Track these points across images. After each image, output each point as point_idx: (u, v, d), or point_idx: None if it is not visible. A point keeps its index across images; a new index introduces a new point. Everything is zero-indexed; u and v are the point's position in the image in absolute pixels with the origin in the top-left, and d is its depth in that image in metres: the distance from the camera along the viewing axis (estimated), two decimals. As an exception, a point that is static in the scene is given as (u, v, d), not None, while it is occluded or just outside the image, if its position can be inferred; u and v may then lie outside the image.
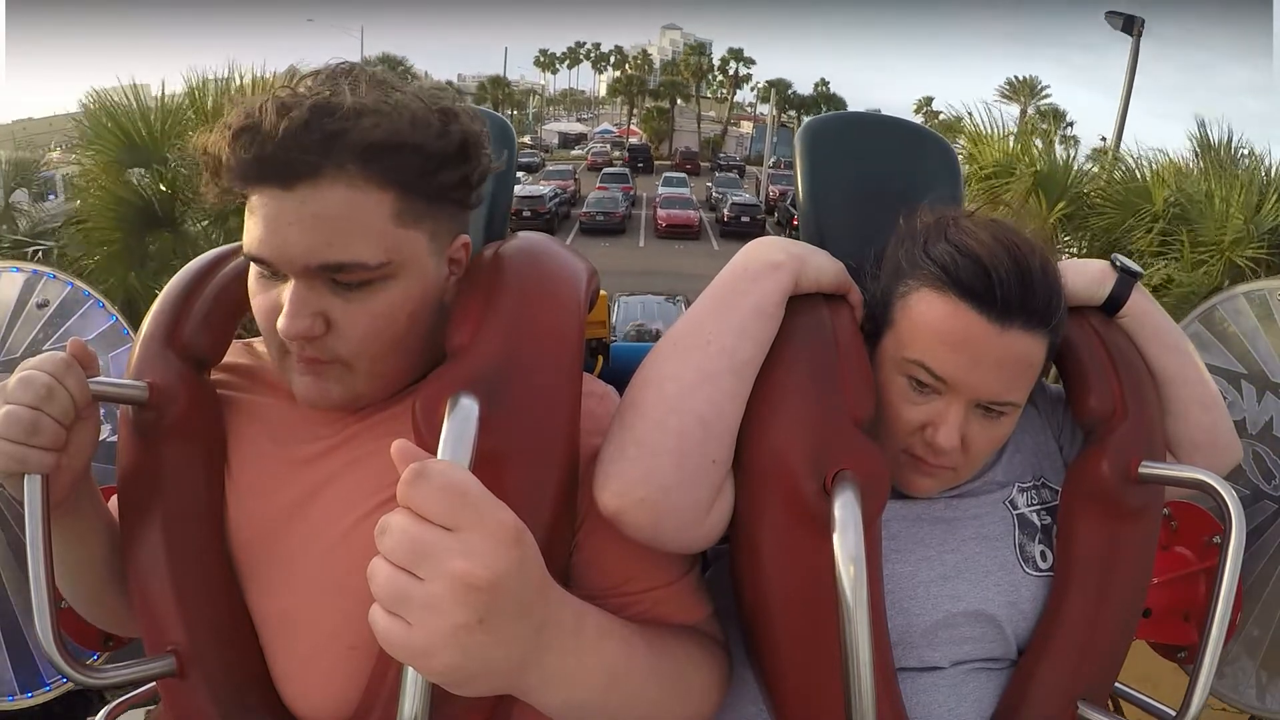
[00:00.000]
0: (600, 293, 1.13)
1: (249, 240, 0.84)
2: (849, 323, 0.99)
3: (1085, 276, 1.06)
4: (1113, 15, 10.69)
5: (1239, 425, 1.76)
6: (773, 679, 0.95)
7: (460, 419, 0.74)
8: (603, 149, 60.44)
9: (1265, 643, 1.71)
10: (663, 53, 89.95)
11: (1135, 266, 1.07)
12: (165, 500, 0.92)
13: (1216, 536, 1.57)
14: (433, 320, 0.92)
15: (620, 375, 1.00)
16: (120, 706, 1.17)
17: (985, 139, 5.82)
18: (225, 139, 0.81)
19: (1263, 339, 1.81)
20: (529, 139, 67.70)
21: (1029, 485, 1.08)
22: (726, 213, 31.22)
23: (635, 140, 69.72)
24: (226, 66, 4.90)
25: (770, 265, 0.95)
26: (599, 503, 0.87)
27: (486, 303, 0.89)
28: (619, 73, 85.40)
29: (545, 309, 0.91)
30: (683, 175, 44.20)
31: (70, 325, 1.92)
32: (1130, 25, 10.30)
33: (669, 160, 62.86)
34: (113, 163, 4.73)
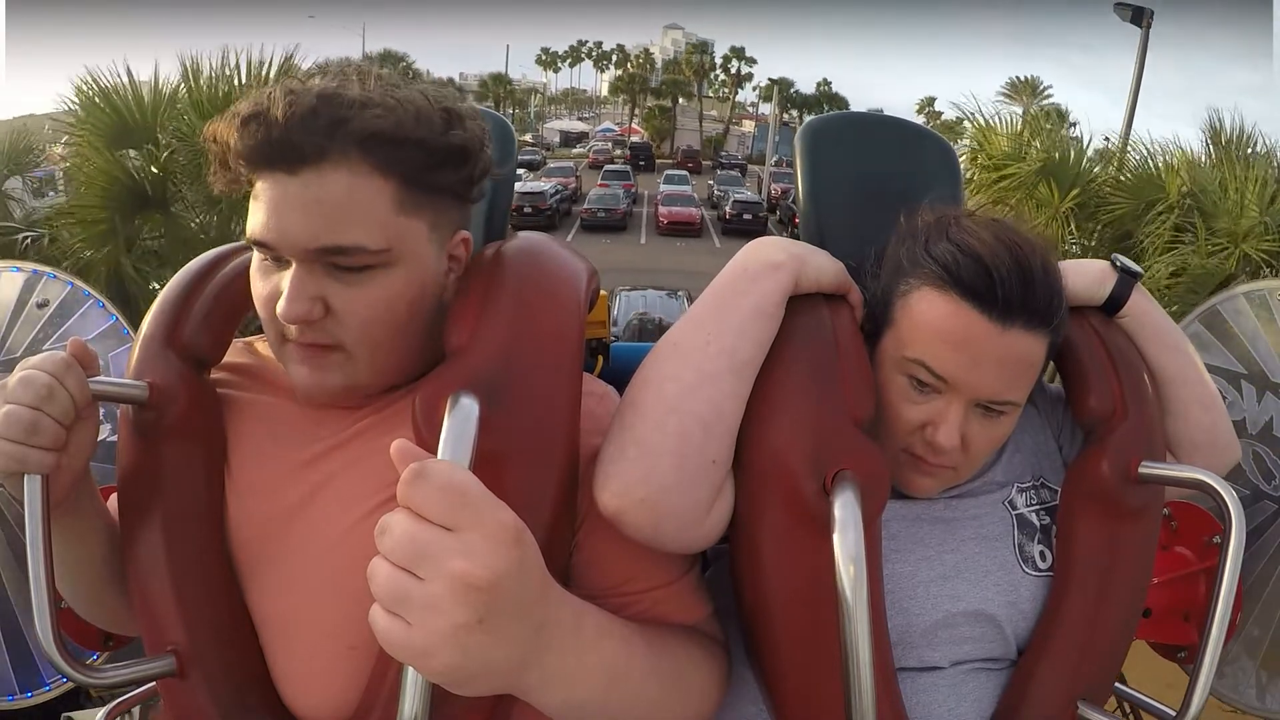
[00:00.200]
0: (600, 292, 1.13)
1: (252, 225, 0.85)
2: (849, 323, 0.99)
3: (1086, 276, 1.06)
4: (1121, 7, 10.64)
5: (1239, 425, 1.77)
6: (773, 679, 0.95)
7: (460, 419, 0.74)
8: (604, 147, 60.45)
9: (1265, 643, 1.72)
10: (665, 52, 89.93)
11: (1135, 267, 1.07)
12: (165, 500, 0.92)
13: (1216, 536, 1.57)
14: (432, 316, 0.93)
15: (620, 375, 1.00)
16: (120, 706, 1.18)
17: (994, 128, 5.75)
18: (234, 126, 0.83)
19: (1263, 339, 1.81)
20: (530, 137, 67.73)
21: (1028, 485, 1.08)
22: (729, 210, 31.21)
23: (637, 139, 69.73)
24: (222, 51, 4.82)
25: (770, 265, 0.95)
26: (599, 503, 0.87)
27: (486, 302, 0.89)
28: (621, 71, 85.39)
29: (545, 309, 0.90)
30: (684, 173, 44.21)
31: (70, 325, 1.92)
32: (1139, 17, 10.25)
33: (670, 159, 62.90)
34: (104, 141, 4.65)
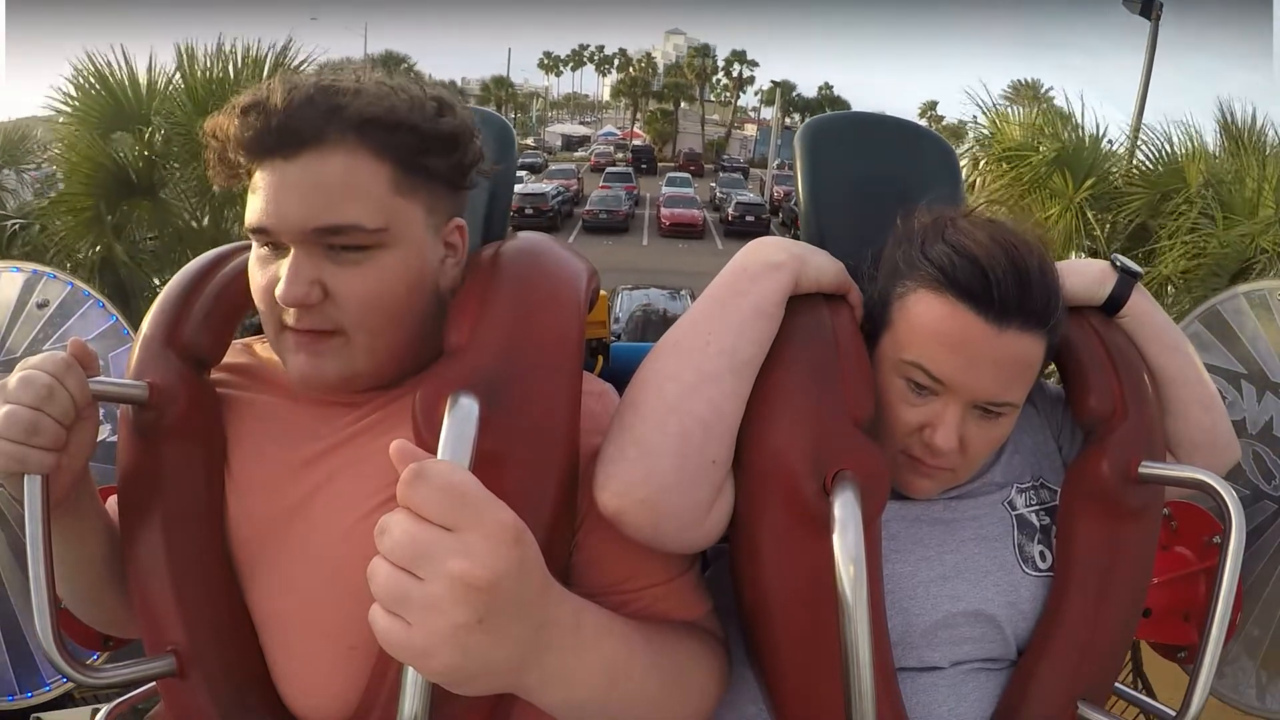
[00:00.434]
0: (600, 292, 1.13)
1: (250, 215, 0.86)
2: (849, 323, 0.99)
3: (1085, 277, 1.06)
4: (1130, 0, 10.54)
5: (1239, 425, 1.77)
6: (773, 679, 0.95)
7: (460, 419, 0.74)
8: (606, 150, 60.55)
9: (1265, 643, 1.72)
10: (666, 57, 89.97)
11: (1135, 267, 1.07)
12: (165, 500, 0.92)
13: (1216, 536, 1.57)
14: (429, 306, 0.93)
15: (620, 375, 1.00)
16: (120, 706, 1.17)
17: (1006, 116, 5.64)
18: (233, 116, 0.85)
19: (1263, 339, 1.81)
20: (532, 141, 67.78)
21: (1027, 486, 1.08)
22: (731, 212, 31.22)
23: (639, 142, 69.73)
24: (218, 36, 4.76)
25: (770, 265, 0.95)
26: (599, 503, 0.87)
27: (485, 301, 0.89)
28: (623, 75, 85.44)
29: (545, 309, 0.91)
30: (686, 175, 44.19)
31: (70, 325, 1.92)
32: (1149, 9, 10.18)
33: (672, 162, 62.93)
34: (96, 124, 4.59)
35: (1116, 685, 1.09)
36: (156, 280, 4.49)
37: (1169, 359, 1.07)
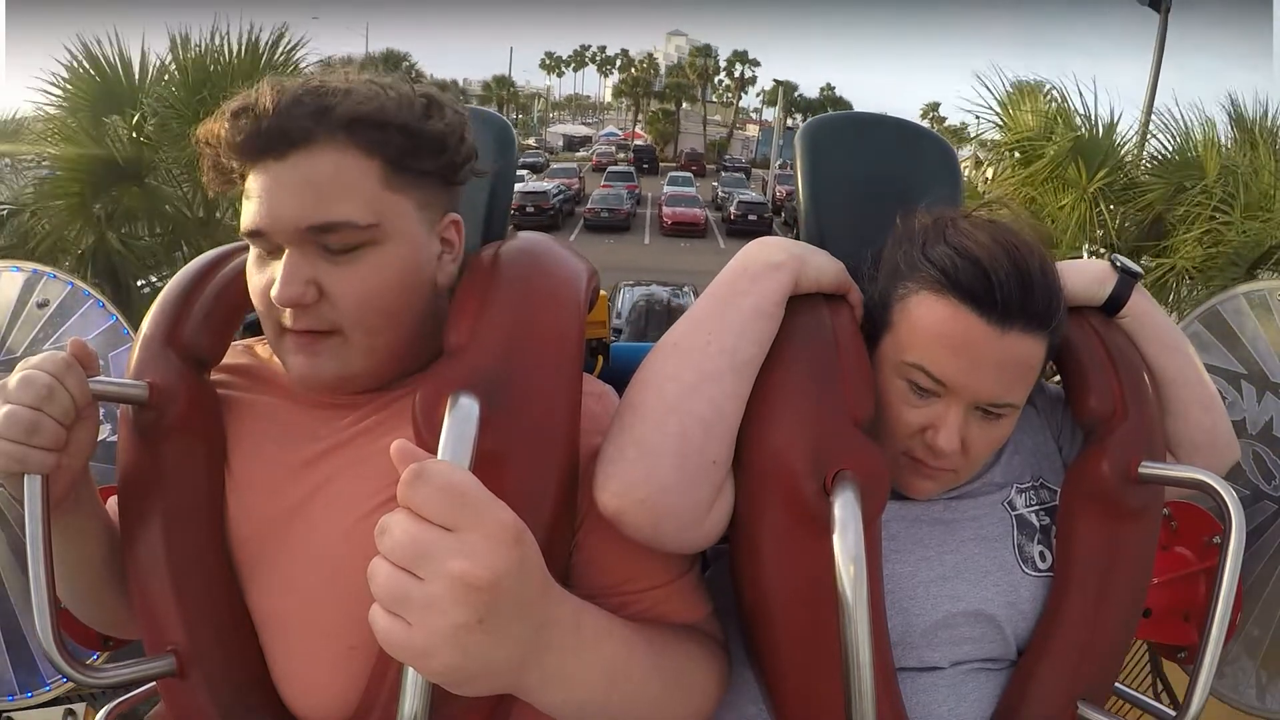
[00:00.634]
0: (600, 292, 1.13)
1: (245, 219, 0.87)
2: (849, 323, 0.99)
3: (1086, 277, 1.06)
4: (1139, -8, 10.45)
5: (1239, 425, 1.77)
6: (773, 679, 0.95)
7: (460, 419, 0.74)
8: (607, 150, 60.48)
9: (1265, 643, 1.71)
10: (668, 59, 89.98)
11: (1135, 267, 1.07)
12: (165, 500, 0.92)
13: (1216, 536, 1.57)
14: (427, 304, 0.93)
15: (620, 375, 1.00)
16: (120, 706, 1.17)
17: (1018, 104, 5.53)
18: (224, 121, 0.86)
19: (1263, 339, 1.81)
20: (534, 141, 67.78)
21: (1027, 486, 1.08)
22: (733, 211, 31.15)
23: (640, 142, 69.71)
24: (214, 19, 4.66)
25: (770, 265, 0.95)
26: (599, 503, 0.87)
27: (486, 301, 0.89)
28: (624, 75, 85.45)
29: (545, 309, 0.91)
30: (689, 174, 44.12)
31: (70, 325, 1.92)
32: (1158, 2, 10.12)
33: (674, 162, 62.92)
34: (82, 108, 4.47)
35: (1116, 685, 1.09)
36: (155, 278, 4.42)
37: (1169, 359, 1.07)
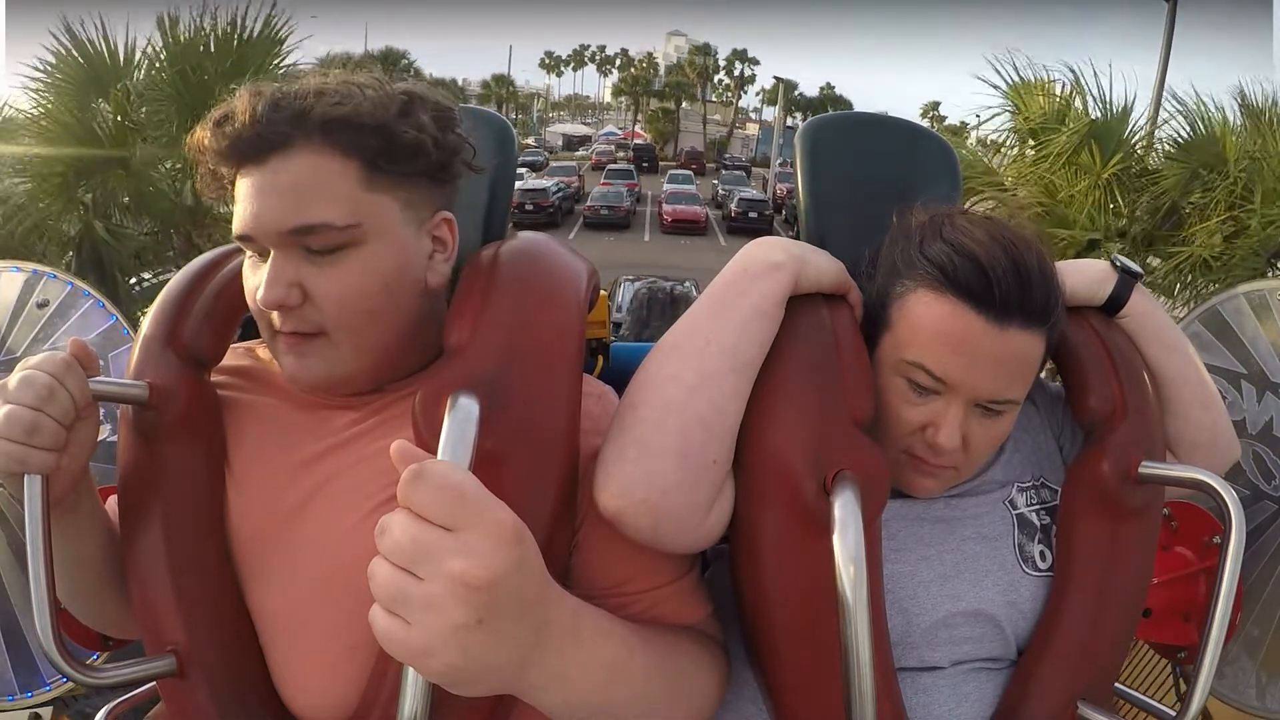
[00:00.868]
0: (600, 292, 1.13)
1: (235, 223, 0.88)
2: (849, 322, 0.99)
3: (1086, 277, 1.06)
4: (1146, -17, 10.43)
5: (1239, 425, 1.77)
6: (773, 679, 0.95)
7: (460, 419, 0.74)
8: (607, 149, 60.40)
9: (1265, 643, 1.71)
10: (667, 58, 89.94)
11: (1135, 267, 1.07)
12: (165, 500, 0.92)
13: (1216, 536, 1.57)
14: (418, 303, 0.93)
15: (620, 375, 1.00)
16: (120, 706, 1.17)
17: (1030, 88, 5.52)
18: (209, 131, 0.88)
19: (1263, 339, 1.81)
20: (533, 140, 67.76)
21: (1028, 485, 1.08)
22: (734, 208, 31.08)
23: (640, 141, 69.69)
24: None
25: (770, 265, 0.95)
26: (599, 504, 0.87)
27: (486, 302, 0.89)
28: (624, 74, 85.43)
29: (545, 309, 0.91)
30: (689, 172, 44.09)
31: (70, 325, 1.92)
32: (1166, -8, 10.09)
33: (674, 161, 62.92)
34: (68, 90, 4.30)
35: (1116, 685, 1.09)
36: (149, 275, 4.38)
37: (1169, 359, 1.07)
